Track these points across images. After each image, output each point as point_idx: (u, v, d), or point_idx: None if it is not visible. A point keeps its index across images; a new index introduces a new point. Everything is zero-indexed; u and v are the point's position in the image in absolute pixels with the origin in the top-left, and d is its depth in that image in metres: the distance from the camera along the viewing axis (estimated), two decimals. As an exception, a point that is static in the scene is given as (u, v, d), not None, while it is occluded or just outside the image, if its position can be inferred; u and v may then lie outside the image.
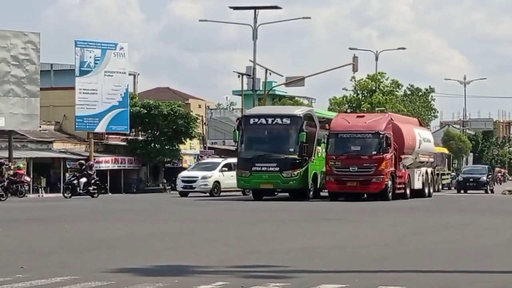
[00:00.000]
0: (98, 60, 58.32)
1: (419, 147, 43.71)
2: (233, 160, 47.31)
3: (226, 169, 48.15)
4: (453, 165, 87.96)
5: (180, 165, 66.46)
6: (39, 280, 12.32)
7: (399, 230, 22.76)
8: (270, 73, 66.55)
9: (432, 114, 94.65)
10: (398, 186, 41.17)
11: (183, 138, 66.07)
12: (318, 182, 42.18)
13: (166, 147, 65.57)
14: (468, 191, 59.68)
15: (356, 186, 39.80)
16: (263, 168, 40.27)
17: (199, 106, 77.99)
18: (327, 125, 43.25)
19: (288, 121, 41.22)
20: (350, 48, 71.72)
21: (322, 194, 43.34)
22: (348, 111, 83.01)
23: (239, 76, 67.12)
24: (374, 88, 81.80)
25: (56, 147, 60.06)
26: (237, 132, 41.74)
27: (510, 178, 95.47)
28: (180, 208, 34.91)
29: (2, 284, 11.91)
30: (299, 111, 43.85)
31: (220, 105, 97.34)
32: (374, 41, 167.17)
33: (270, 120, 41.29)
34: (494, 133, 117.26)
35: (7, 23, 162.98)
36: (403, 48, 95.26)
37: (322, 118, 44.39)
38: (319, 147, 42.31)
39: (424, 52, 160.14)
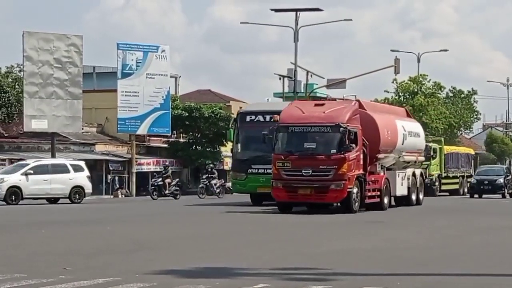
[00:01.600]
0: (140, 62, 58.53)
1: (402, 144, 34.07)
2: (52, 161, 43.18)
3: (32, 172, 39.68)
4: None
5: (222, 167, 66.49)
6: (81, 281, 12.39)
7: None
8: (311, 75, 66.51)
9: (475, 116, 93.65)
10: (370, 193, 31.57)
11: (224, 140, 66.13)
12: None
13: (207, 149, 65.63)
14: (484, 195, 50.83)
15: (310, 194, 30.19)
16: (260, 171, 35.55)
17: (240, 108, 77.99)
18: None
19: None
20: (392, 50, 71.31)
21: None
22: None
23: (280, 78, 67.07)
24: (416, 90, 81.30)
25: (98, 149, 60.36)
26: (231, 130, 38.58)
27: None
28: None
29: (45, 285, 12.00)
30: None
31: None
32: (417, 43, 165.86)
33: (268, 117, 34.98)
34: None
35: (50, 26, 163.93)
36: (446, 50, 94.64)
37: None
38: None
39: (467, 54, 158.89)
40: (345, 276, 13.14)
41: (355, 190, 29.87)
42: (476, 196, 50.78)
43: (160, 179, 46.10)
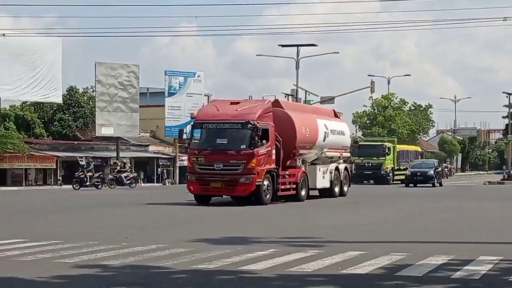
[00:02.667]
0: (182, 85, 58.51)
1: (323, 141, 28.96)
2: None
3: None
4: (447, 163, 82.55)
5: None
6: (139, 247, 12.43)
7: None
8: (308, 94, 66.23)
9: (431, 125, 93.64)
10: (284, 186, 26.35)
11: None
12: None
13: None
14: (418, 185, 45.90)
15: (221, 187, 25.11)
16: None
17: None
18: None
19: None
20: (369, 75, 70.82)
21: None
22: (367, 122, 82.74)
23: (285, 96, 66.74)
24: (386, 105, 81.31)
25: (151, 149, 60.42)
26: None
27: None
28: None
29: (112, 250, 12.05)
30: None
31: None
32: (387, 70, 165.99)
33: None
34: (477, 138, 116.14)
35: (116, 58, 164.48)
36: (409, 75, 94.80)
37: None
38: None
39: (425, 78, 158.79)
40: (334, 243, 13.13)
41: (265, 183, 24.78)
42: (411, 185, 46.16)
43: (82, 172, 40.63)
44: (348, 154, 34.22)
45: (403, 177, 52.20)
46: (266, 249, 12.16)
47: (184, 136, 26.28)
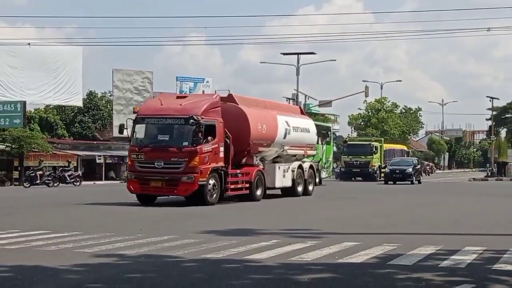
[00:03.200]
0: (192, 89, 58.40)
1: (284, 138, 25.49)
2: None
3: None
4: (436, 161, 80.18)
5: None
6: (152, 238, 12.44)
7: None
8: (308, 98, 66.21)
9: (420, 126, 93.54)
10: (235, 186, 22.85)
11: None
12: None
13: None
14: (397, 182, 42.81)
15: (162, 187, 21.38)
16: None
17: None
18: None
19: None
20: (363, 81, 70.85)
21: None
22: (362, 124, 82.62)
23: (287, 100, 66.74)
24: (379, 108, 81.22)
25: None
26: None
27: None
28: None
29: (128, 241, 12.05)
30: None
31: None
32: (380, 76, 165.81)
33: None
34: (463, 139, 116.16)
35: (131, 65, 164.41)
36: (400, 81, 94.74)
37: None
38: None
39: (414, 83, 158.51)
40: (331, 235, 13.12)
41: (211, 182, 21.33)
42: (390, 182, 43.06)
43: (32, 171, 39.42)
44: (314, 152, 29.69)
45: None
46: (269, 240, 12.15)
47: (125, 133, 22.29)
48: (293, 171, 26.62)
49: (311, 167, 28.36)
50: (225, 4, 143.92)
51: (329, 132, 42.83)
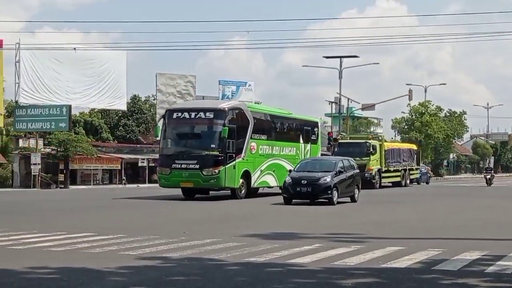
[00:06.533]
0: (234, 93, 58.76)
1: None
2: None
3: None
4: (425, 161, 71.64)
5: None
6: (195, 241, 12.50)
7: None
8: (351, 101, 65.86)
9: (465, 130, 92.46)
10: None
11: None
12: (253, 181, 28.25)
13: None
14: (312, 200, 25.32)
15: None
16: (183, 166, 26.17)
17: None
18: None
19: (211, 115, 26.77)
20: (407, 84, 70.70)
21: (260, 192, 29.93)
22: (405, 128, 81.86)
23: (329, 103, 66.64)
24: (423, 111, 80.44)
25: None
26: (159, 127, 28.34)
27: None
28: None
29: (172, 243, 12.13)
30: (225, 104, 28.37)
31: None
32: (424, 79, 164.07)
33: (193, 115, 27.00)
34: (508, 142, 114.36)
35: (174, 69, 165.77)
36: (444, 84, 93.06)
37: (259, 113, 29.91)
38: (253, 143, 28.41)
39: (459, 86, 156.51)
40: (374, 239, 13.03)
41: None
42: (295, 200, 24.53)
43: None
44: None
45: (393, 179, 44.33)
46: (312, 244, 12.12)
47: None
48: None
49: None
50: (268, 8, 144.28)
51: (316, 129, 35.41)
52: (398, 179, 45.24)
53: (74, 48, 47.63)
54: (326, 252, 11.07)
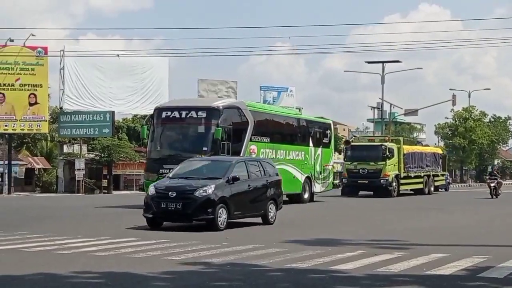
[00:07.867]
0: (276, 99, 58.79)
1: None
2: None
3: None
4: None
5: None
6: (238, 246, 12.53)
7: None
8: (393, 107, 65.34)
9: (510, 135, 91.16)
10: None
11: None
12: None
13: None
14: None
15: None
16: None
17: (344, 129, 77.75)
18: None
19: (204, 115, 23.79)
20: (450, 89, 69.94)
21: None
22: (449, 133, 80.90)
23: (371, 109, 66.32)
24: (467, 117, 79.53)
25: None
26: (144, 127, 25.31)
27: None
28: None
29: (214, 249, 12.18)
30: (219, 102, 25.13)
31: (358, 129, 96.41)
32: (468, 84, 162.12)
33: (184, 114, 23.99)
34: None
35: (216, 74, 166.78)
36: (489, 89, 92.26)
37: (260, 113, 26.88)
38: (253, 146, 25.45)
39: (504, 91, 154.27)
40: (418, 246, 12.90)
41: None
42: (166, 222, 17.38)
43: None
44: None
45: (414, 186, 40.01)
46: (355, 250, 12.05)
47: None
48: None
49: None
50: (310, 13, 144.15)
51: (328, 131, 32.37)
52: (420, 186, 40.65)
53: (118, 55, 48.20)
54: (369, 258, 11.00)
